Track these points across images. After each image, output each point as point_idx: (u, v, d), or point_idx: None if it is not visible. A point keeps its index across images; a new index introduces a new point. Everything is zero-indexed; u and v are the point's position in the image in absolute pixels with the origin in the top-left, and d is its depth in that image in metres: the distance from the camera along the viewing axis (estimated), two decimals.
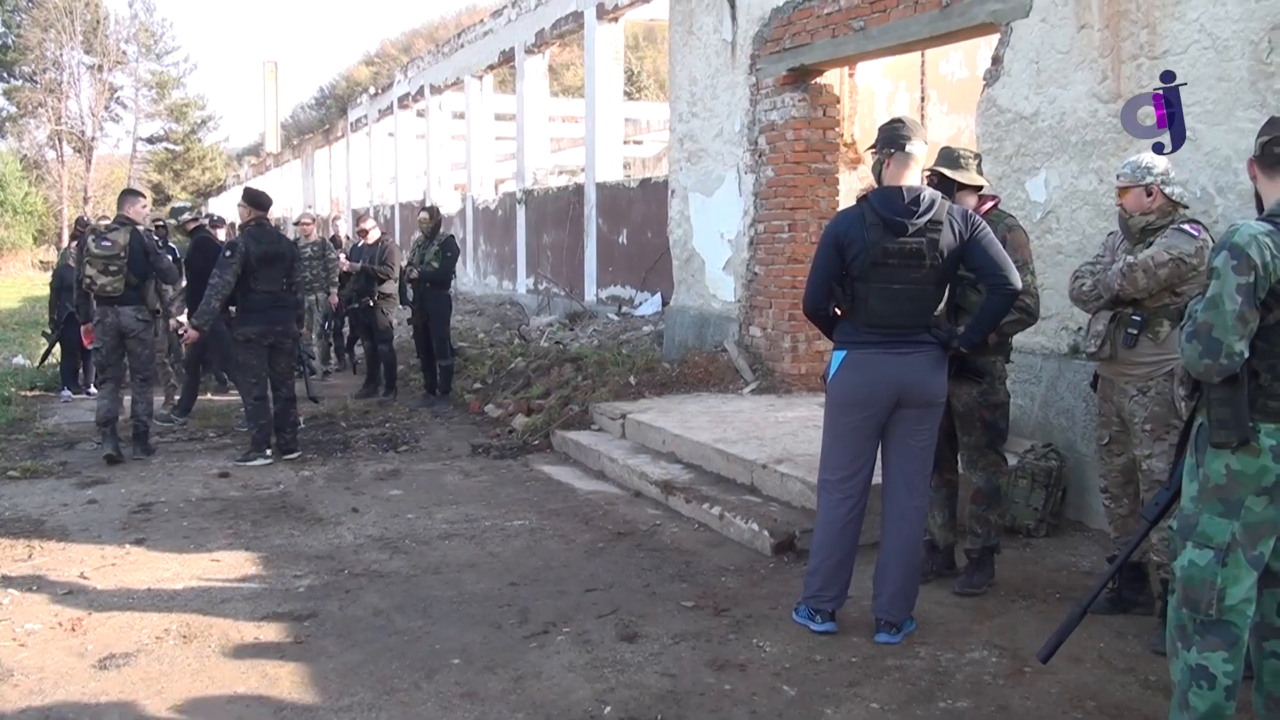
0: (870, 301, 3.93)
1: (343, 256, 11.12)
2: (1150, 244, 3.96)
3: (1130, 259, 3.98)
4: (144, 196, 7.83)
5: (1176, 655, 2.85)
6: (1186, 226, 3.92)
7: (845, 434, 4.06)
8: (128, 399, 7.59)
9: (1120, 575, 4.23)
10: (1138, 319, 3.97)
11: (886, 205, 3.90)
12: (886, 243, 3.87)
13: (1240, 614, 2.76)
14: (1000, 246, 3.98)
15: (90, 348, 7.72)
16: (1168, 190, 3.98)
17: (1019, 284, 3.94)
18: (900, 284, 3.89)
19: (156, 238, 8.61)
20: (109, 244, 7.22)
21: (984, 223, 4.00)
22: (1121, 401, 4.13)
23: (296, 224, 11.95)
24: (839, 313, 4.08)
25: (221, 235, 11.56)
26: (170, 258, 7.89)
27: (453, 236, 9.88)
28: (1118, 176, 4.08)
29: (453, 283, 9.89)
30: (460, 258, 18.59)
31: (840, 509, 4.07)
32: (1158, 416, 3.99)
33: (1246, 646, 2.84)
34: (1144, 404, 4.03)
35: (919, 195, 3.90)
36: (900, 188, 3.92)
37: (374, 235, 10.42)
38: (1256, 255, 2.64)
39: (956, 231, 3.89)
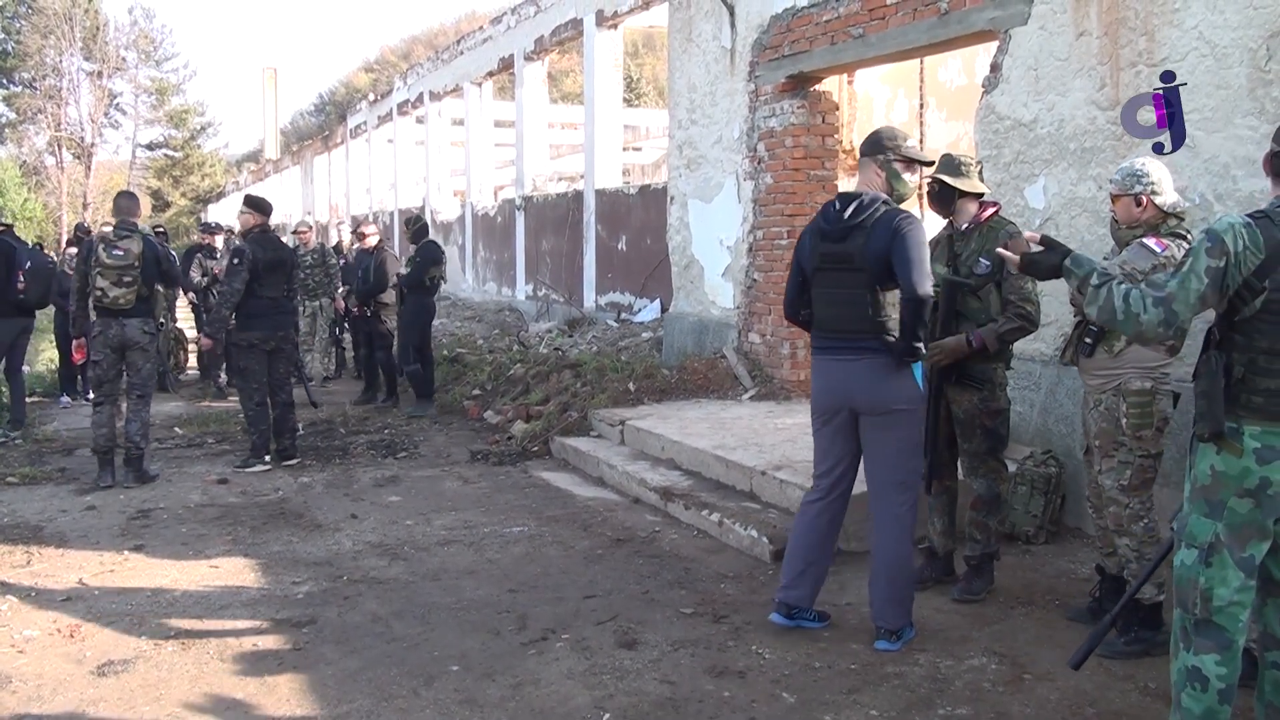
0: (817, 307, 4.06)
1: (339, 296, 11.32)
2: None
3: None
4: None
5: (1176, 657, 2.86)
6: (1149, 242, 3.82)
7: (816, 436, 4.19)
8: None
9: (1102, 586, 4.24)
10: (1094, 329, 3.97)
11: (824, 212, 4.04)
12: (822, 248, 3.99)
13: (1230, 616, 2.76)
14: (919, 251, 3.82)
15: (91, 360, 6.96)
16: (1159, 200, 3.91)
17: (921, 291, 3.80)
18: (836, 288, 3.98)
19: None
20: (121, 253, 6.73)
21: (909, 226, 3.86)
22: (1084, 412, 4.14)
23: (294, 232, 11.93)
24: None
25: (219, 241, 11.61)
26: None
27: (430, 242, 9.70)
28: (1110, 182, 4.07)
29: (440, 287, 9.77)
30: (459, 264, 18.68)
31: (810, 509, 4.16)
32: (1105, 433, 4.00)
33: (1243, 652, 2.83)
34: (1095, 419, 4.03)
35: (851, 199, 3.98)
36: (840, 194, 4.04)
37: (372, 240, 10.38)
38: (1230, 243, 2.67)
39: (884, 236, 3.87)
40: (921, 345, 3.91)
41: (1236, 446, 2.71)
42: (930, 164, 4.36)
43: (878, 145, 4.03)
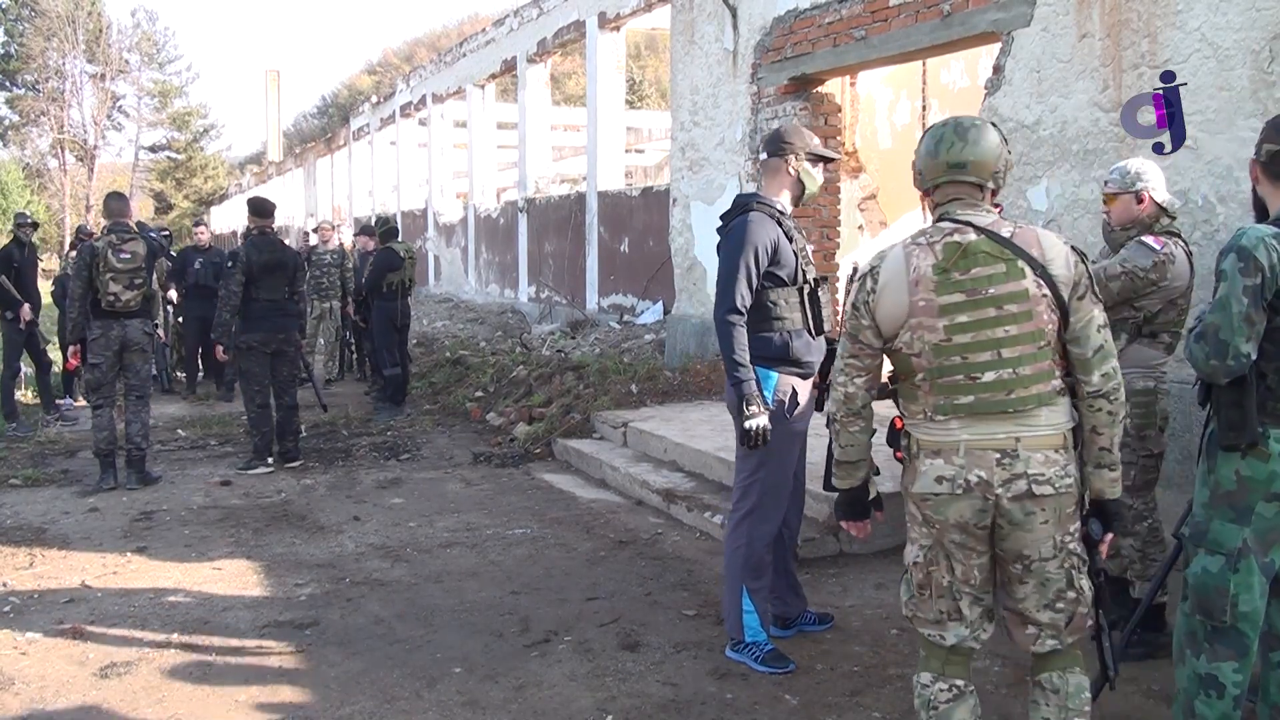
0: None
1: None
2: None
3: None
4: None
5: (1184, 662, 2.83)
6: (1148, 240, 3.81)
7: None
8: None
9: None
10: None
11: None
12: None
13: (1252, 623, 2.74)
14: (729, 262, 3.75)
15: (90, 363, 6.81)
16: (1157, 196, 3.89)
17: (716, 313, 3.75)
18: None
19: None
20: (128, 255, 6.68)
21: (730, 230, 3.82)
22: None
23: (315, 230, 12.01)
24: None
25: None
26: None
27: (386, 248, 9.71)
28: (1105, 183, 4.04)
29: (408, 291, 9.76)
30: (462, 266, 18.69)
31: None
32: None
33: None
34: None
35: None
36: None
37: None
38: (1264, 257, 2.64)
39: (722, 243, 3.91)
40: (738, 367, 3.68)
41: (1263, 450, 2.69)
42: (834, 159, 4.21)
43: (780, 143, 3.94)
